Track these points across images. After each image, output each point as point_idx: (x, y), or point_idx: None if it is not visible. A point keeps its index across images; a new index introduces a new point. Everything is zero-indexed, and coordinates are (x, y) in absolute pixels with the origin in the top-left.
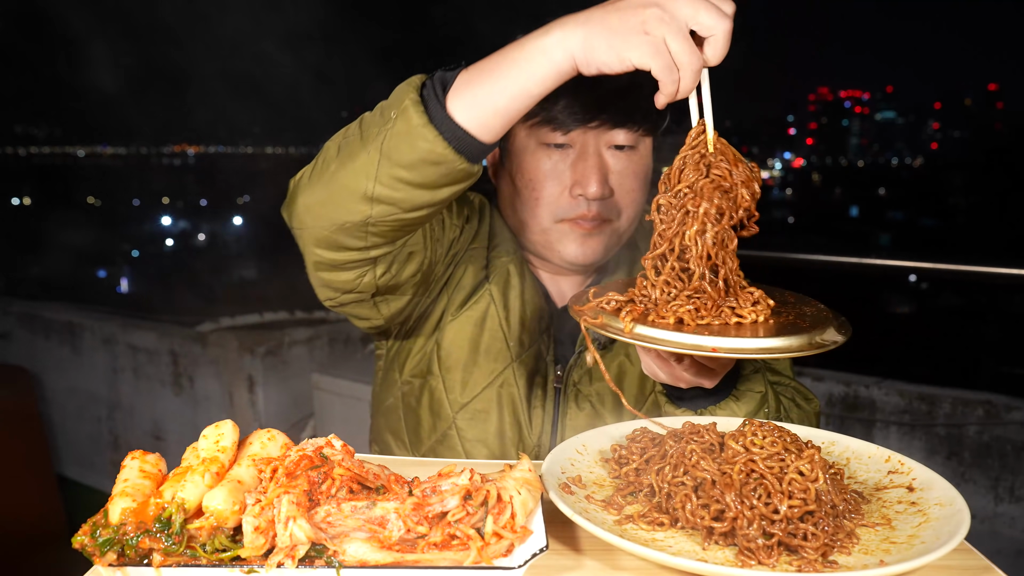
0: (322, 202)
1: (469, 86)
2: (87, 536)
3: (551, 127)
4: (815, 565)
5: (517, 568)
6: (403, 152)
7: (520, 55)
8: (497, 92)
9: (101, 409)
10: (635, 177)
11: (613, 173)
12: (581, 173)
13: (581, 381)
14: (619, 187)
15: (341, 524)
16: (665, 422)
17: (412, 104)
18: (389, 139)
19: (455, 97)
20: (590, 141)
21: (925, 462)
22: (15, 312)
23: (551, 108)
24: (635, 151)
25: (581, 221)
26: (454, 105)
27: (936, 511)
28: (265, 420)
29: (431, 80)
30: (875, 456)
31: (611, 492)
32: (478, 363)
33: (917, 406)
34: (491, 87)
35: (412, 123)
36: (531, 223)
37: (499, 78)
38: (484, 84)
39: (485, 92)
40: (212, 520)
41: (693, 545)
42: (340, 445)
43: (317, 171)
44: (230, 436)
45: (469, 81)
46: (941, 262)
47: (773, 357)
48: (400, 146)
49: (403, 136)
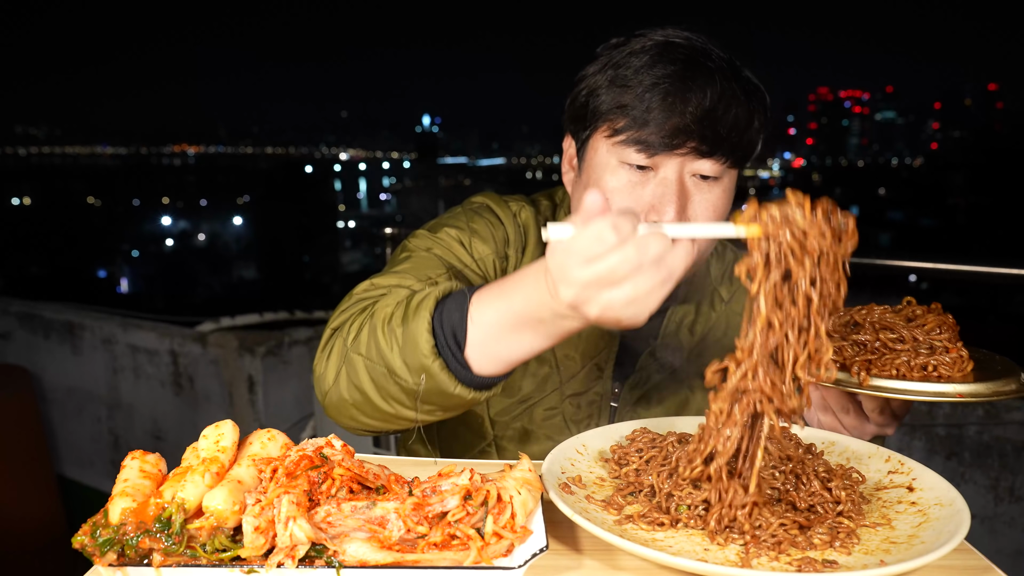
0: (368, 416)
1: (487, 347)
2: (87, 536)
3: (636, 148)
4: (815, 565)
5: (517, 568)
6: (438, 402)
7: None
8: (519, 350)
9: (101, 409)
10: (714, 210)
11: (692, 203)
12: (659, 198)
13: (638, 403)
14: (695, 218)
15: (341, 524)
16: (670, 422)
17: (439, 370)
18: (424, 393)
19: (477, 356)
20: (673, 166)
21: (925, 462)
22: (15, 312)
23: (640, 129)
24: (718, 182)
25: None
26: (477, 363)
27: (936, 511)
28: (265, 420)
29: (440, 325)
30: (875, 456)
31: (611, 492)
32: (525, 383)
33: (917, 406)
34: (513, 347)
35: (444, 387)
36: None
37: (521, 342)
38: (503, 344)
39: (505, 351)
40: (212, 520)
41: (693, 545)
42: (340, 445)
43: (355, 390)
44: (230, 436)
45: (485, 342)
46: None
47: (998, 399)
48: (434, 399)
49: (437, 394)
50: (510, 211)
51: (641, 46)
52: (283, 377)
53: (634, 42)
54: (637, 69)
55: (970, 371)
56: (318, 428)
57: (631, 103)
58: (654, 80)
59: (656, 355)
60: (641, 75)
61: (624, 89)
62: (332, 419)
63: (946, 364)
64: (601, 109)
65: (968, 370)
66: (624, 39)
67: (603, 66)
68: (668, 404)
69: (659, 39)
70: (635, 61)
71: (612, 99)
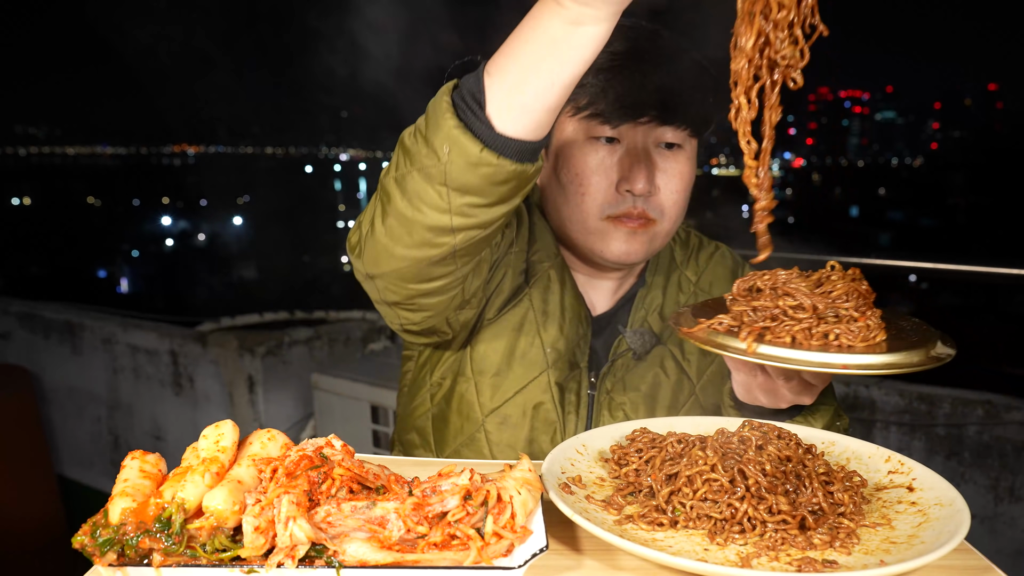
0: (405, 245)
1: (508, 95)
2: (87, 536)
3: (600, 120)
4: (815, 565)
5: (517, 568)
6: (470, 181)
7: (551, 44)
8: (543, 91)
9: (101, 409)
10: (680, 178)
11: (660, 171)
12: (629, 168)
13: (615, 389)
14: (664, 186)
15: (341, 524)
16: (670, 422)
17: (460, 133)
18: (451, 173)
19: (499, 110)
20: (639, 137)
21: (925, 462)
22: (15, 312)
23: (601, 102)
24: (682, 151)
25: (626, 219)
26: (501, 120)
27: (936, 511)
28: (265, 420)
29: (460, 95)
30: (875, 456)
31: (611, 492)
32: (512, 368)
33: (917, 406)
34: (535, 87)
35: (469, 153)
36: (575, 219)
37: (540, 76)
38: (525, 87)
39: (531, 95)
40: (212, 520)
41: (693, 545)
42: (340, 445)
43: (386, 215)
44: (230, 436)
45: (505, 89)
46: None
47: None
48: (464, 177)
49: (464, 168)
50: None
51: None
52: (283, 377)
53: None
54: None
55: (879, 341)
56: (318, 428)
57: (590, 81)
58: (610, 57)
59: (628, 341)
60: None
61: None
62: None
63: (849, 333)
64: None
65: (876, 340)
66: None
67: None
68: (643, 388)
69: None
70: None
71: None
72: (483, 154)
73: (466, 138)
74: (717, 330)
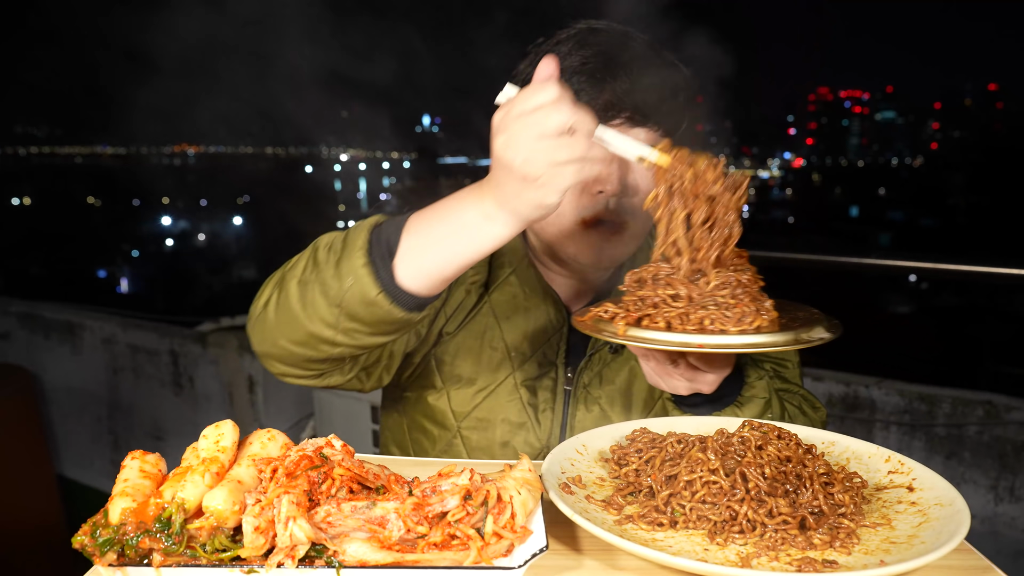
0: (289, 340)
1: (416, 255)
2: (87, 536)
3: None
4: (815, 565)
5: (517, 568)
6: (360, 313)
7: (465, 229)
8: (444, 262)
9: (101, 409)
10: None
11: (632, 173)
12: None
13: (591, 384)
14: (637, 189)
15: (341, 524)
16: (670, 422)
17: (366, 272)
18: (347, 300)
19: (404, 265)
20: None
21: (925, 462)
22: (15, 312)
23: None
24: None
25: (600, 226)
26: (403, 274)
27: (936, 511)
28: (265, 420)
29: (378, 236)
30: (875, 456)
31: (611, 492)
32: (480, 374)
33: (917, 406)
34: (438, 257)
35: (367, 292)
36: (551, 222)
37: (446, 249)
38: (430, 254)
39: (432, 262)
40: (212, 520)
41: (693, 545)
42: (340, 445)
43: (281, 309)
44: (230, 436)
45: (415, 249)
46: (941, 262)
47: (758, 351)
48: (356, 308)
49: (359, 302)
50: None
51: (566, 35)
52: None
53: (559, 34)
54: (564, 55)
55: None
56: (318, 428)
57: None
58: (582, 61)
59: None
60: (569, 59)
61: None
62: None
63: (723, 319)
64: None
65: (752, 324)
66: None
67: (532, 60)
68: (618, 381)
69: (581, 27)
70: (562, 48)
71: None
72: (378, 297)
73: (369, 278)
74: (603, 317)
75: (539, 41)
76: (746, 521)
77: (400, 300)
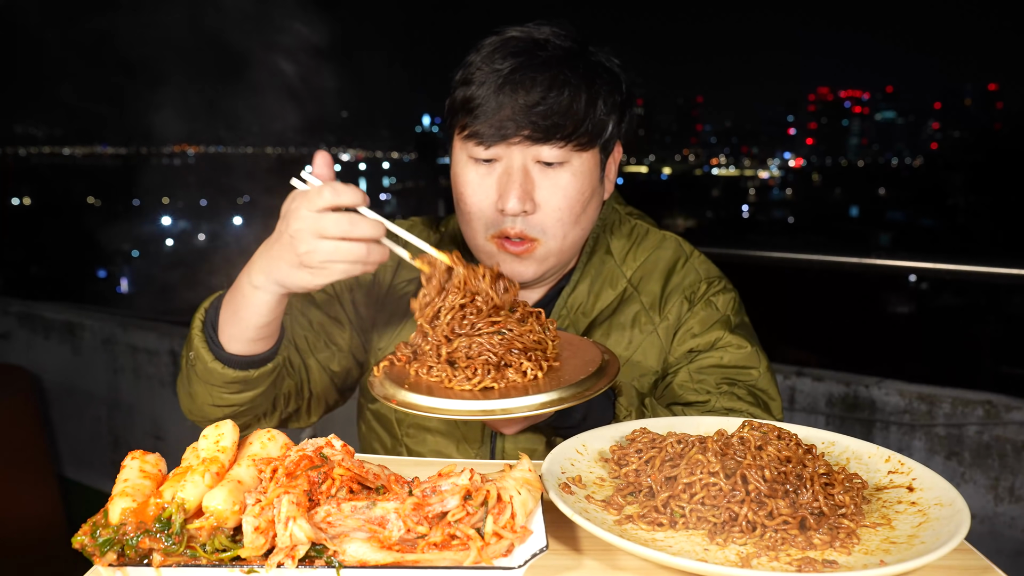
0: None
1: (228, 327)
2: (87, 536)
3: (475, 141)
4: (815, 565)
5: (517, 568)
6: (216, 381)
7: (244, 298)
8: (245, 329)
9: (101, 409)
10: (563, 195)
11: (540, 189)
12: (503, 187)
13: None
14: (545, 204)
15: (341, 524)
16: (670, 422)
17: (200, 344)
18: (202, 377)
19: (223, 333)
20: (516, 156)
21: (925, 462)
22: (15, 312)
23: (475, 123)
24: (565, 167)
25: (508, 244)
26: (224, 340)
27: (936, 511)
28: None
29: (207, 317)
30: (875, 456)
31: (611, 492)
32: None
33: (917, 406)
34: (240, 326)
35: (205, 361)
36: (468, 237)
37: (241, 319)
38: (235, 325)
39: (239, 331)
40: (212, 520)
41: (693, 545)
42: (340, 445)
43: (183, 390)
44: (230, 436)
45: (226, 322)
46: (941, 262)
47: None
48: (210, 379)
49: (204, 370)
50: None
51: (489, 42)
52: None
53: (485, 40)
54: (478, 66)
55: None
56: (318, 428)
57: (472, 97)
58: (492, 73)
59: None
60: (481, 71)
61: (468, 86)
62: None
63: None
64: (454, 107)
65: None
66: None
67: (460, 66)
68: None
69: (506, 35)
70: (477, 57)
71: (460, 96)
72: (212, 364)
73: (203, 349)
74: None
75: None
76: (746, 522)
77: (230, 362)
